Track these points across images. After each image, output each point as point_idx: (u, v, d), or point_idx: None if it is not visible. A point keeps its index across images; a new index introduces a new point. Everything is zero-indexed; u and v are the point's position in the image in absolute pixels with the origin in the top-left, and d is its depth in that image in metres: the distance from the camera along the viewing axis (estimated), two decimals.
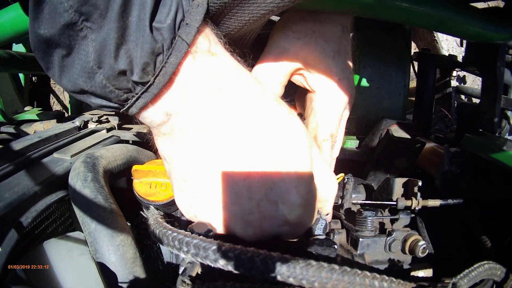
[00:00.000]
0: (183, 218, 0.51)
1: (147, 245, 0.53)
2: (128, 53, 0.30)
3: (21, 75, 1.34)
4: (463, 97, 1.92)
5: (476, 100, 1.66)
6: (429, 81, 0.99)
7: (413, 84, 1.12)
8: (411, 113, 1.05)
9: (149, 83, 0.32)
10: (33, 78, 1.64)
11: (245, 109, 0.36)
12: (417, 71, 1.02)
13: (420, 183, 0.56)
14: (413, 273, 0.53)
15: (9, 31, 0.62)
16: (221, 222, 0.37)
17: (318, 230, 0.44)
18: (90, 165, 0.51)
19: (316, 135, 0.52)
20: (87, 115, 0.87)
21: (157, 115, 0.35)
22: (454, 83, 2.27)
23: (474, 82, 2.45)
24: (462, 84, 2.40)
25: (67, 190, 0.50)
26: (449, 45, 2.53)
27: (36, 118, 1.10)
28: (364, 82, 0.90)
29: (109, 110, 0.36)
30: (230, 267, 0.32)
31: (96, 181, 0.49)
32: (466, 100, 1.91)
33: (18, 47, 1.28)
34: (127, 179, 0.63)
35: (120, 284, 0.43)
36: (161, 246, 0.53)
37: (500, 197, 0.58)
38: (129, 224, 0.50)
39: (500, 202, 0.57)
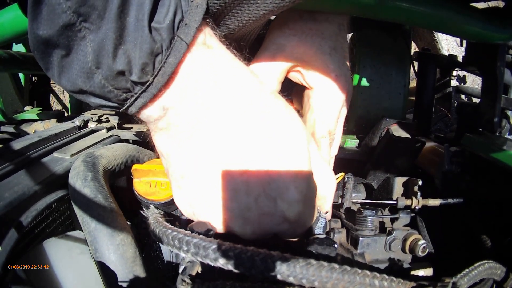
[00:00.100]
0: (183, 217, 0.51)
1: (147, 244, 0.53)
2: (126, 53, 0.30)
3: (21, 75, 1.35)
4: (463, 96, 1.92)
5: (476, 100, 1.66)
6: (429, 81, 0.99)
7: (413, 84, 1.12)
8: (411, 112, 1.05)
9: (148, 83, 0.32)
10: (33, 77, 1.64)
11: (241, 102, 0.36)
12: (417, 71, 1.02)
13: (420, 183, 0.56)
14: (413, 272, 0.53)
15: (8, 31, 0.62)
16: (219, 219, 0.37)
17: (318, 229, 0.45)
18: (90, 165, 0.51)
19: (314, 132, 0.52)
20: (87, 115, 0.87)
21: (154, 111, 0.35)
22: (454, 83, 2.27)
23: (474, 82, 2.45)
24: (462, 84, 2.40)
25: (67, 189, 0.50)
26: (449, 45, 2.53)
27: (36, 117, 1.10)
28: (364, 82, 0.90)
29: (108, 109, 0.36)
30: (230, 266, 0.32)
31: (96, 180, 0.49)
32: (466, 99, 1.91)
33: (18, 47, 1.28)
34: (127, 178, 0.63)
35: (120, 283, 0.43)
36: (161, 245, 0.53)
37: (500, 196, 0.57)
38: (129, 223, 0.50)
39: (500, 201, 0.57)
